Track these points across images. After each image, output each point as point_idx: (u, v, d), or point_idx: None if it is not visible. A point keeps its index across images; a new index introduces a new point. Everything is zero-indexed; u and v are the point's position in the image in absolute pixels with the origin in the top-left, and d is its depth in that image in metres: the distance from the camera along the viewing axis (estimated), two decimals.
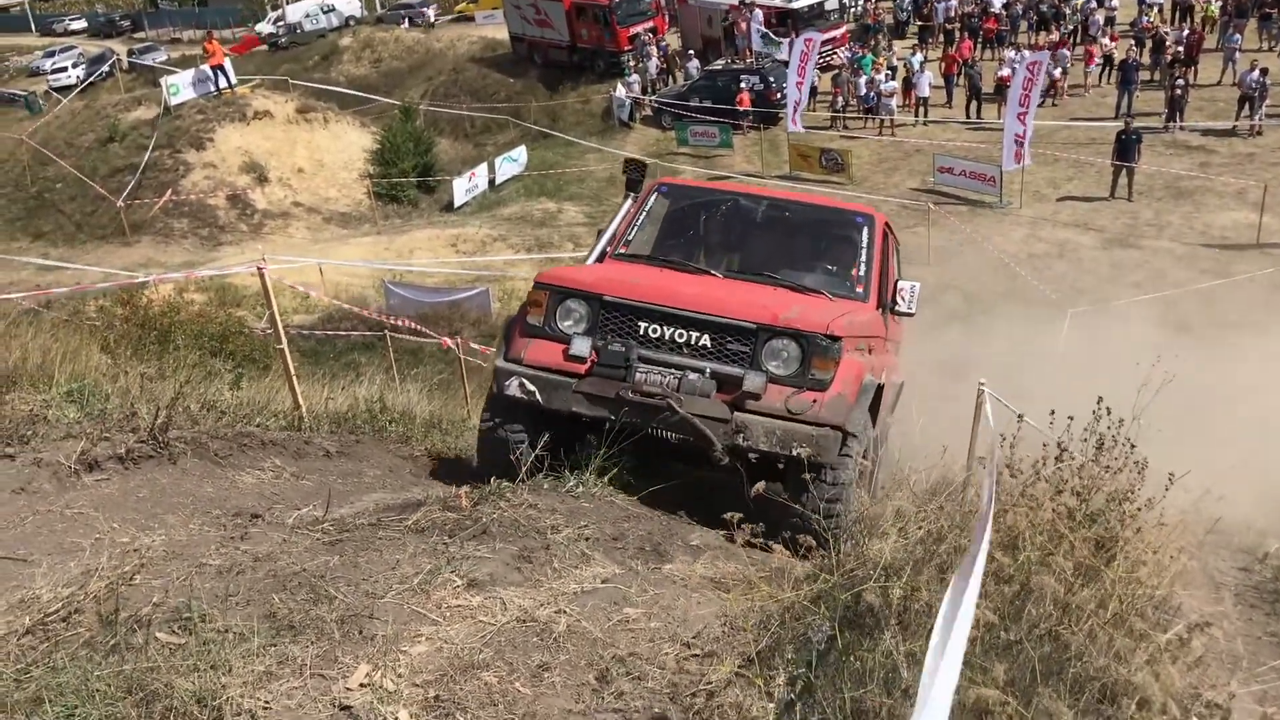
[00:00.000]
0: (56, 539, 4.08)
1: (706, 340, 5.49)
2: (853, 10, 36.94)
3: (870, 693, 2.80)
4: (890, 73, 28.82)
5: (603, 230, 7.24)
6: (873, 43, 32.54)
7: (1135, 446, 3.87)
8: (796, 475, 5.22)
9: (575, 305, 5.72)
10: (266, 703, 2.97)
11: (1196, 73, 26.46)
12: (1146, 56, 27.37)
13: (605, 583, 4.01)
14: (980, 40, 31.07)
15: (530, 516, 4.59)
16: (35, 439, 5.02)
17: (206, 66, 33.45)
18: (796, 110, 27.41)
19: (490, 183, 29.98)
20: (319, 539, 4.22)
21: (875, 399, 5.90)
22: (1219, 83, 26.57)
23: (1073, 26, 30.67)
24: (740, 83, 29.73)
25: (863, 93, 28.55)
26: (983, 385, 6.61)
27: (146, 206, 29.00)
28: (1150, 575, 3.32)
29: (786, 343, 5.41)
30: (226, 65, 33.44)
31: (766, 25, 32.47)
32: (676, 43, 36.46)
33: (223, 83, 33.20)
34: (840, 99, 29.18)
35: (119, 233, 28.47)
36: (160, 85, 33.36)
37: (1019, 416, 4.55)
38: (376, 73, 41.85)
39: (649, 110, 32.41)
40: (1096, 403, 4.00)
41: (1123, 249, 20.85)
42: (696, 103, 30.07)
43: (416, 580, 3.77)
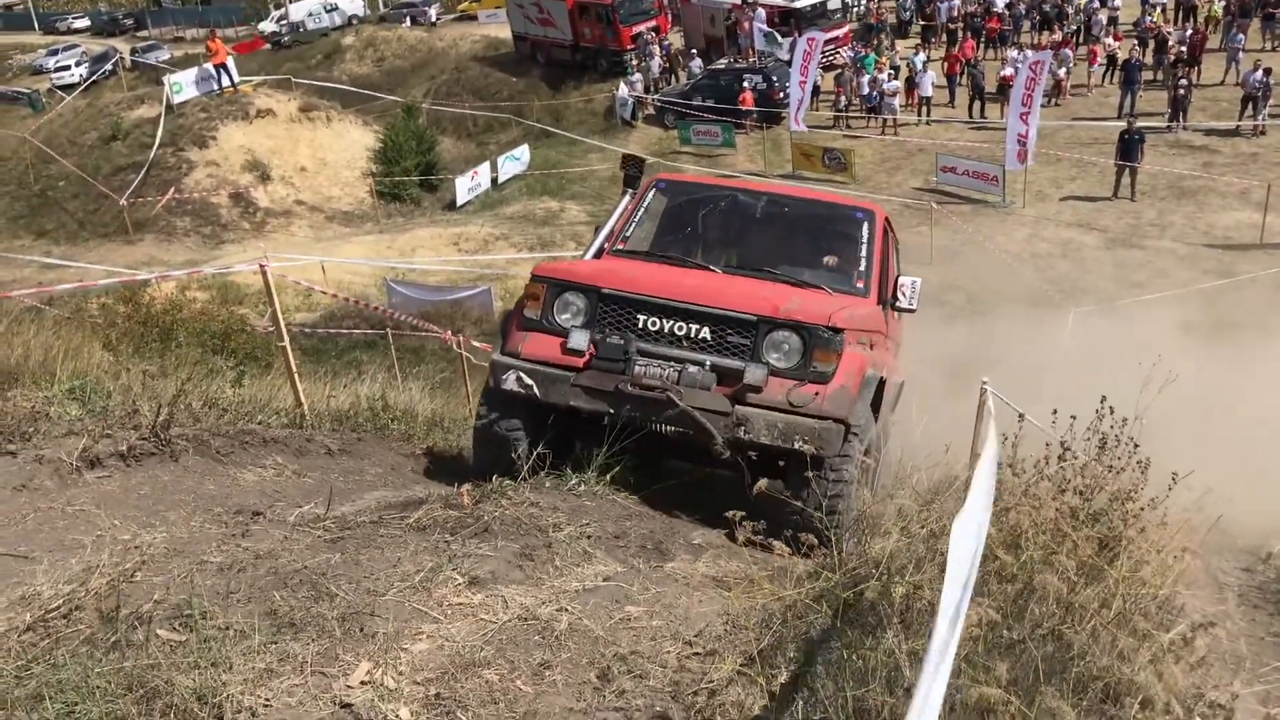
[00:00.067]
0: (58, 536, 4.08)
1: (706, 333, 5.41)
2: (855, 9, 36.98)
3: (872, 691, 2.79)
4: (893, 72, 28.81)
5: (600, 227, 7.16)
6: (875, 42, 32.56)
7: (1138, 446, 3.86)
8: (797, 470, 5.15)
9: (573, 298, 5.64)
10: (267, 700, 2.97)
11: (1200, 73, 26.41)
12: (1149, 56, 27.34)
13: (607, 581, 4.01)
14: (983, 40, 31.05)
15: (532, 514, 4.59)
16: (37, 436, 5.02)
17: (209, 65, 33.48)
18: (799, 109, 27.40)
19: (493, 181, 30.00)
20: (320, 536, 4.22)
21: (877, 394, 5.82)
22: (1222, 83, 26.54)
23: (1075, 26, 30.65)
24: (743, 82, 29.74)
25: (865, 92, 28.56)
26: (986, 384, 6.59)
27: (149, 205, 29.04)
28: (1153, 575, 3.31)
29: (788, 335, 5.33)
30: (229, 64, 33.47)
31: (769, 24, 32.47)
32: (679, 42, 36.49)
33: (225, 81, 33.24)
34: (843, 98, 29.18)
35: (121, 231, 28.51)
36: (163, 84, 33.38)
37: (1020, 415, 4.53)
38: (379, 71, 41.87)
39: (652, 109, 32.45)
40: (1100, 402, 3.99)
41: (1126, 249, 20.83)
42: (699, 102, 30.08)
43: (418, 578, 3.77)
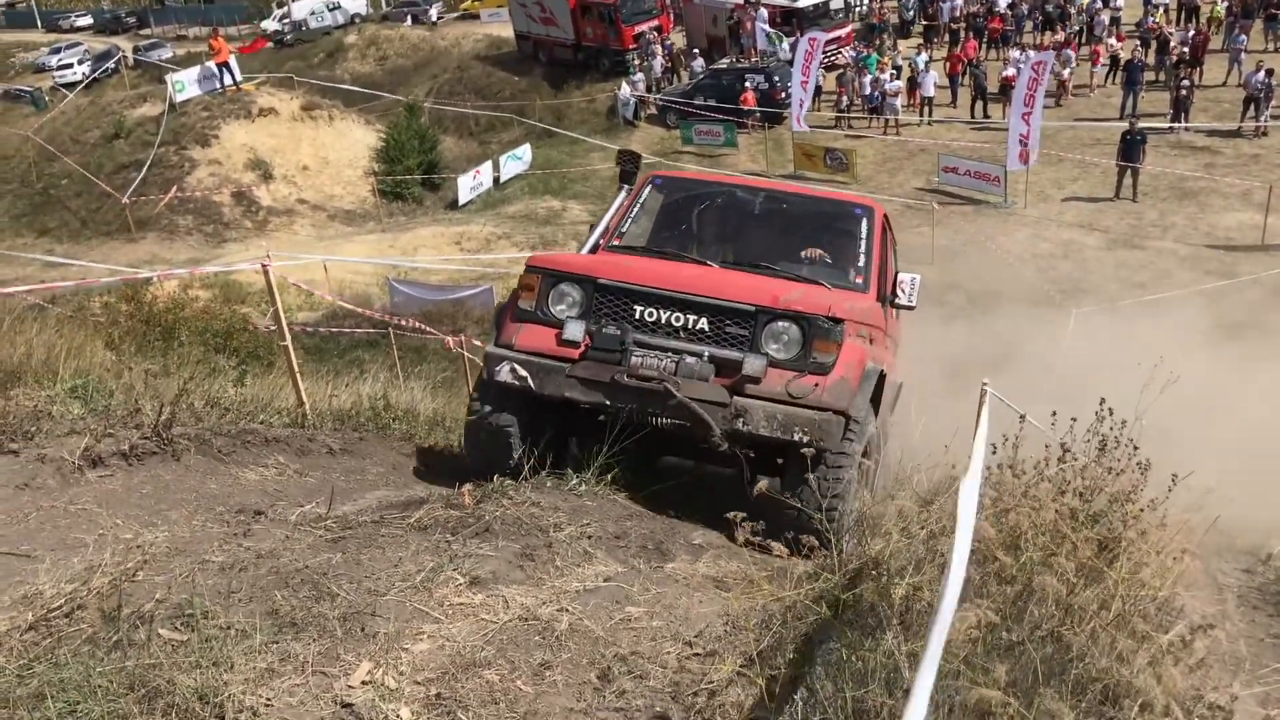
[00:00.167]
0: (60, 535, 4.08)
1: (704, 324, 5.34)
2: (858, 9, 36.96)
3: (871, 692, 2.80)
4: (895, 72, 28.78)
5: (596, 224, 7.10)
6: (878, 42, 32.54)
7: (1138, 448, 3.86)
8: (796, 467, 5.08)
9: (569, 289, 5.56)
10: (268, 700, 2.97)
11: (1202, 73, 26.37)
12: (1151, 57, 27.30)
13: (607, 581, 4.01)
14: (985, 40, 31.03)
15: (533, 515, 4.59)
16: (39, 435, 5.03)
17: (212, 63, 33.48)
18: (801, 110, 27.39)
19: (495, 181, 29.99)
20: (322, 536, 4.22)
21: (877, 389, 5.75)
22: (1224, 84, 26.50)
23: (1078, 27, 30.63)
24: (745, 82, 29.74)
25: (867, 92, 28.53)
26: (986, 385, 6.58)
27: (151, 203, 29.05)
28: (1153, 576, 3.31)
29: (787, 325, 5.27)
30: (232, 62, 33.48)
31: (771, 24, 32.45)
32: (681, 41, 36.49)
33: (228, 80, 33.25)
34: (845, 98, 29.16)
35: (124, 229, 28.52)
36: (166, 82, 33.39)
37: (1021, 416, 4.52)
38: (382, 70, 41.87)
39: (654, 109, 32.44)
40: (1099, 404, 3.99)
41: (1127, 249, 20.81)
42: (701, 102, 30.07)
43: (419, 578, 3.77)
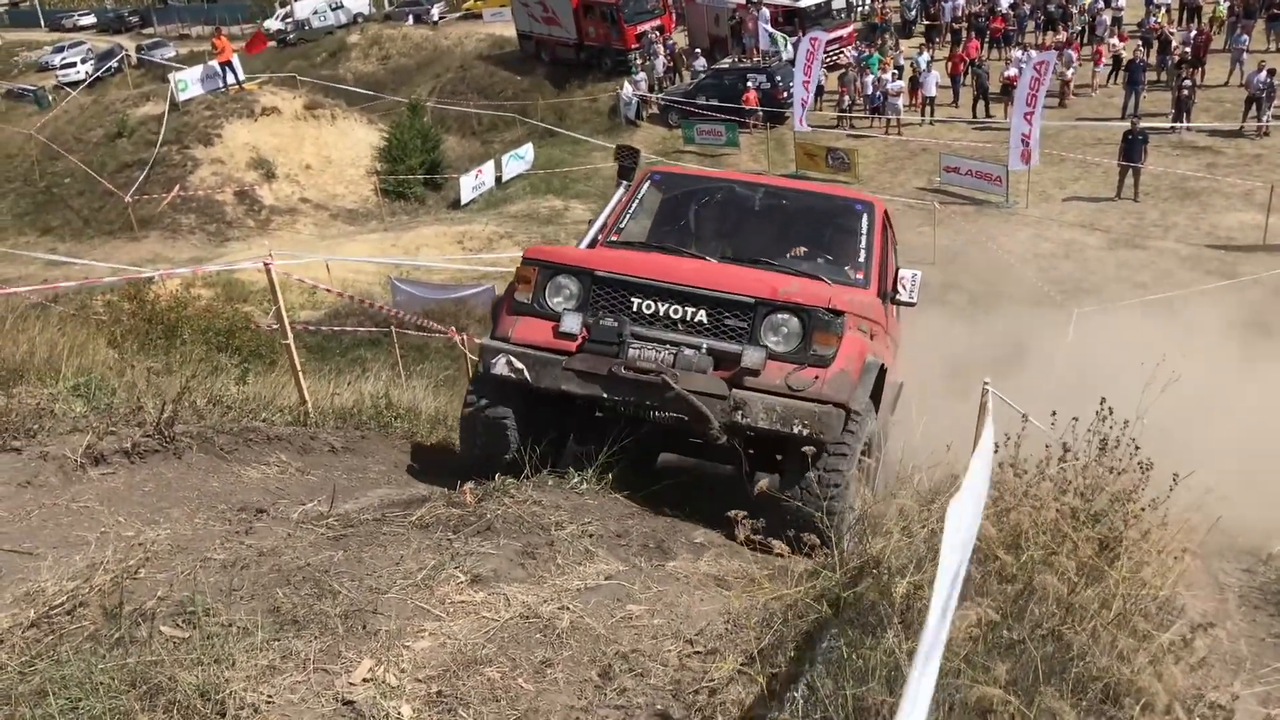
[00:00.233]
0: (62, 532, 4.09)
1: (703, 316, 5.28)
2: (860, 9, 36.95)
3: (872, 690, 2.80)
4: (897, 72, 28.78)
5: (594, 220, 7.05)
6: (879, 42, 32.49)
7: (1140, 448, 3.86)
8: (795, 460, 5.07)
9: (565, 281, 5.51)
10: (270, 697, 2.98)
11: (1203, 73, 26.36)
12: (1153, 57, 27.29)
13: (608, 579, 4.02)
14: (987, 40, 31.01)
15: (534, 513, 4.59)
16: (41, 433, 5.04)
17: (215, 63, 33.49)
18: (803, 110, 27.38)
19: (497, 180, 29.99)
20: (323, 534, 4.23)
21: (878, 384, 5.70)
22: (1226, 83, 26.48)
23: (1080, 27, 30.60)
24: (747, 81, 29.74)
25: (869, 92, 28.51)
26: (987, 385, 6.58)
27: (154, 202, 29.05)
28: (1154, 575, 3.31)
29: (787, 317, 5.21)
30: (234, 62, 33.48)
31: (773, 24, 32.44)
32: (683, 41, 36.48)
33: (230, 79, 33.25)
34: (846, 98, 29.15)
35: (127, 228, 28.54)
36: (168, 81, 33.39)
37: (1024, 416, 4.52)
38: (384, 70, 41.88)
39: (656, 108, 32.43)
40: (1100, 403, 3.99)
41: (1128, 249, 20.79)
42: (703, 101, 30.07)
43: (420, 576, 3.78)
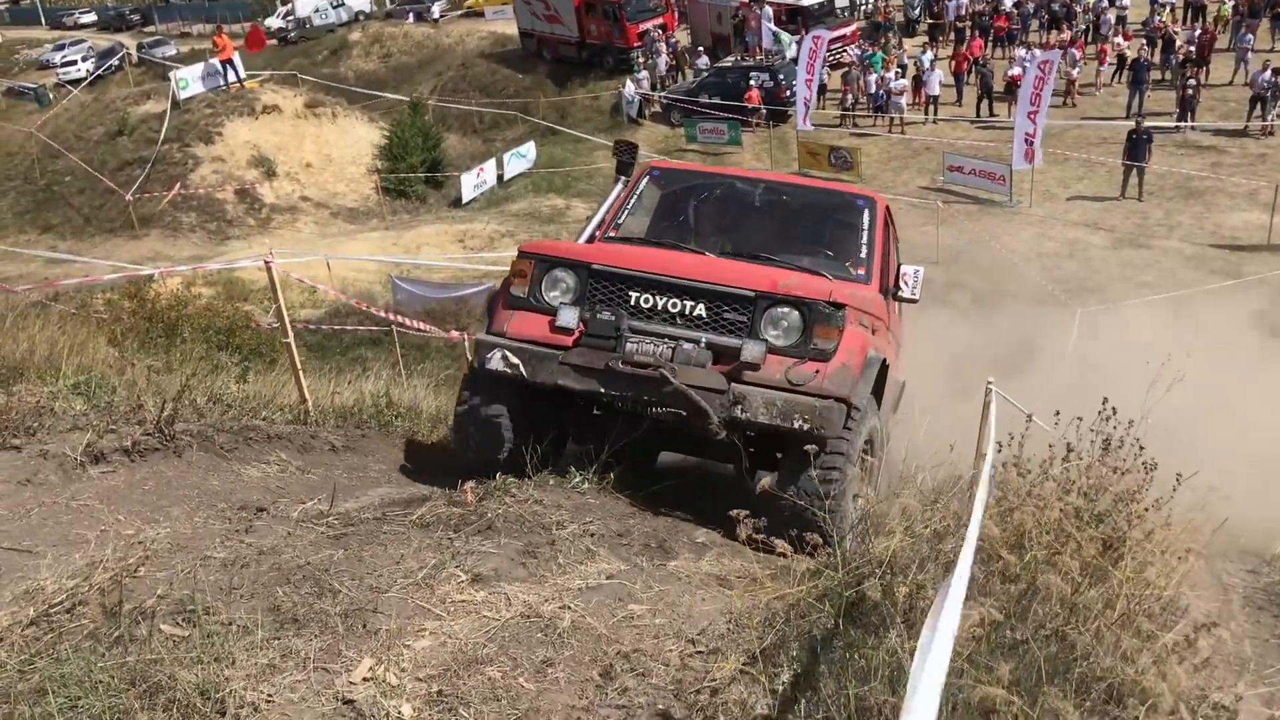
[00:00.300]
0: (62, 531, 4.08)
1: (702, 310, 5.21)
2: (863, 8, 36.94)
3: (874, 690, 2.79)
4: (900, 71, 28.76)
5: (592, 216, 6.97)
6: (883, 40, 32.51)
7: (1144, 448, 3.85)
8: (794, 455, 5.00)
9: (562, 275, 5.42)
10: (269, 696, 2.97)
11: (1208, 73, 26.34)
12: (1157, 56, 27.26)
13: (610, 579, 4.00)
14: (991, 39, 30.99)
15: (535, 512, 4.58)
16: (41, 431, 5.03)
17: (215, 61, 33.51)
18: (806, 109, 27.37)
19: (498, 179, 29.99)
20: (324, 533, 4.22)
21: (880, 380, 5.64)
22: (1231, 83, 26.47)
23: (1084, 26, 30.57)
24: (749, 80, 29.72)
25: (872, 90, 28.50)
26: (990, 384, 6.56)
27: (155, 200, 29.07)
28: (1158, 576, 3.30)
29: (787, 311, 5.14)
30: (235, 60, 33.50)
31: (776, 22, 32.43)
32: (686, 39, 36.47)
33: (231, 77, 33.27)
34: (850, 97, 29.14)
35: (127, 226, 28.55)
36: (169, 79, 33.42)
37: (1028, 416, 4.51)
38: (385, 68, 41.91)
39: (658, 107, 32.42)
40: (1102, 403, 3.97)
41: (1133, 249, 20.78)
42: (706, 99, 30.06)
43: (421, 575, 3.77)
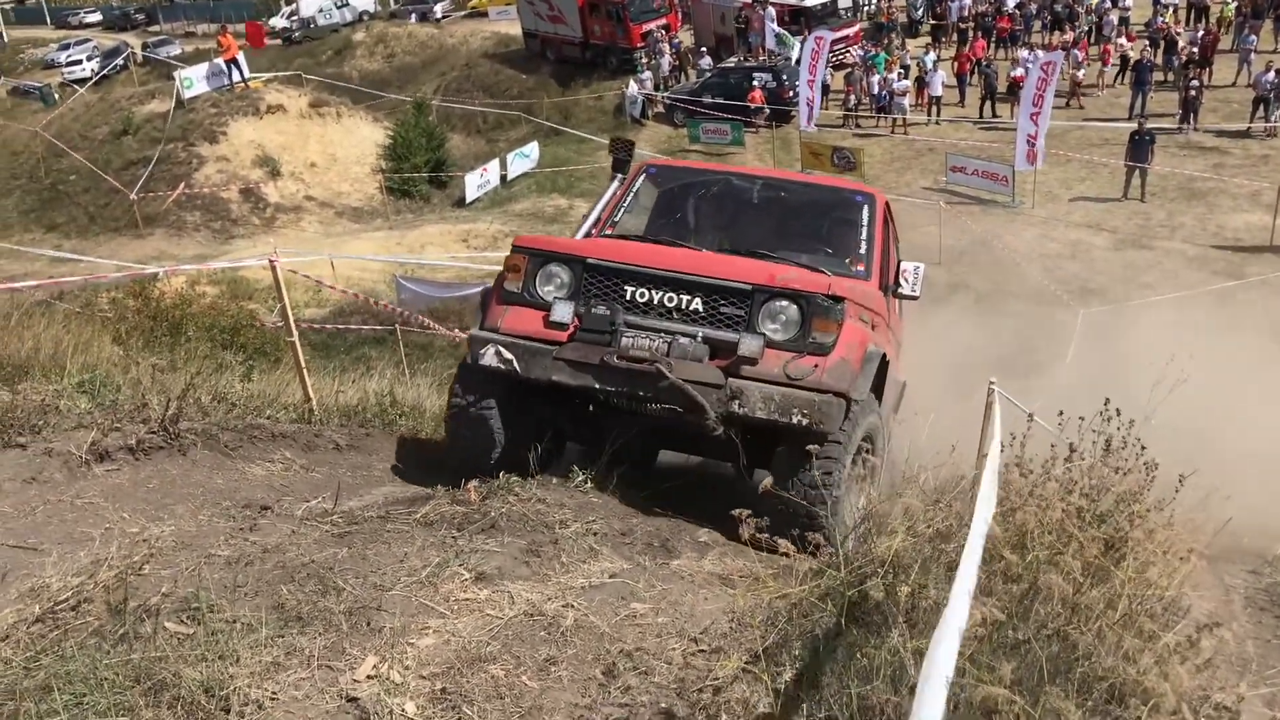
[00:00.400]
0: (67, 528, 4.09)
1: (698, 304, 5.15)
2: (866, 8, 36.93)
3: (876, 689, 2.79)
4: (903, 71, 28.75)
5: (588, 214, 6.92)
6: (886, 41, 32.50)
7: (1145, 448, 3.85)
8: (789, 450, 4.98)
9: (557, 269, 5.37)
10: (274, 693, 2.98)
11: (1211, 74, 26.30)
12: (1160, 57, 27.23)
13: (613, 578, 4.01)
14: (994, 39, 30.97)
15: (538, 511, 4.59)
16: (46, 429, 5.04)
17: (220, 60, 33.56)
18: (809, 110, 27.36)
19: (502, 178, 29.99)
20: (328, 531, 4.23)
21: (880, 377, 5.57)
22: (1234, 84, 26.44)
23: (1087, 27, 30.54)
24: (753, 80, 29.71)
25: (875, 91, 28.48)
26: (993, 384, 6.56)
27: (159, 199, 29.10)
28: (1160, 576, 3.30)
29: (785, 304, 5.07)
30: (240, 59, 33.55)
31: (779, 23, 32.43)
32: (689, 40, 36.47)
33: (236, 76, 33.32)
34: (853, 97, 29.14)
35: (132, 225, 28.59)
36: (174, 79, 33.47)
37: (1029, 416, 4.50)
38: (390, 68, 41.91)
39: (661, 107, 32.41)
40: (1104, 404, 3.98)
41: (1135, 250, 20.76)
42: (709, 100, 30.05)
43: (424, 573, 3.78)
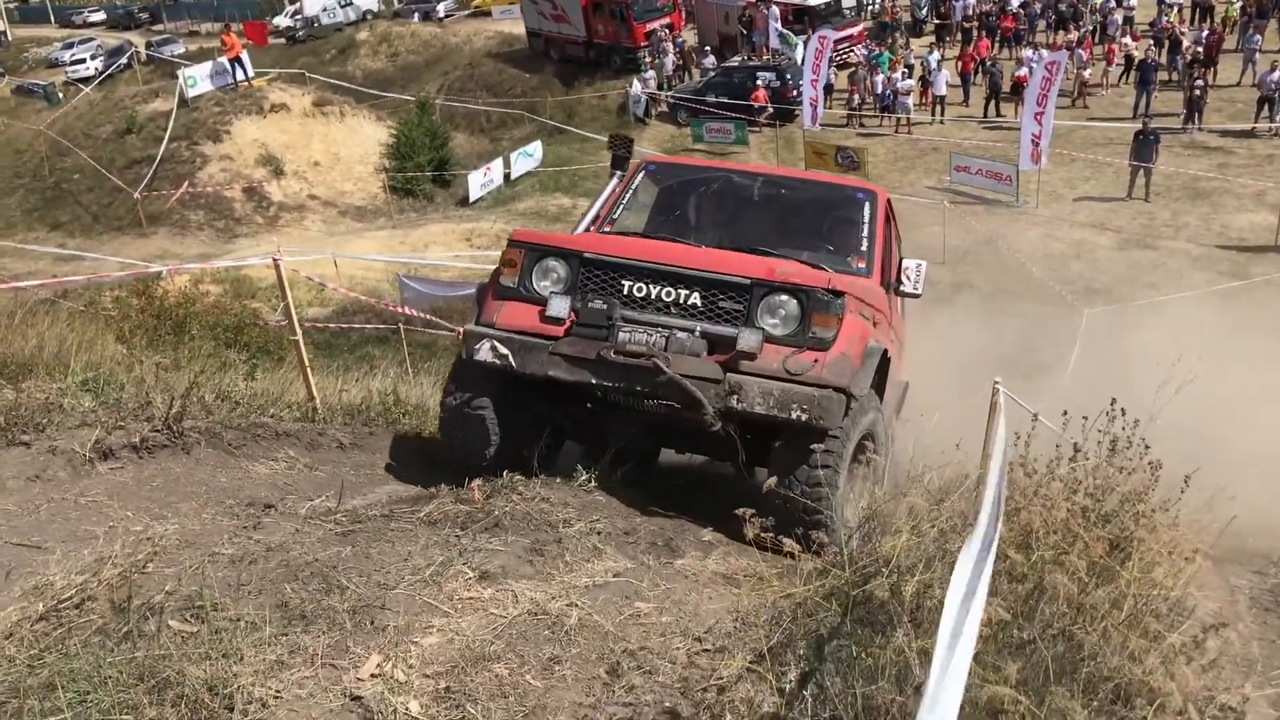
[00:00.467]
0: (70, 526, 4.10)
1: (697, 298, 5.09)
2: (870, 8, 36.90)
3: (881, 689, 2.79)
4: (907, 71, 28.74)
5: (586, 211, 6.86)
6: (890, 40, 32.46)
7: (1150, 447, 3.84)
8: (787, 445, 4.96)
9: (553, 264, 5.31)
10: (278, 692, 2.98)
11: (1216, 73, 26.26)
12: (1165, 57, 27.19)
13: (617, 577, 4.01)
14: (998, 39, 30.94)
15: (542, 510, 4.59)
16: (51, 427, 5.05)
17: (224, 59, 33.60)
18: (813, 109, 27.34)
19: (505, 178, 30.00)
20: (331, 530, 4.23)
21: (881, 373, 5.50)
22: (1238, 84, 26.39)
23: (1091, 26, 30.50)
24: (756, 80, 29.70)
25: (879, 90, 28.47)
26: (998, 384, 6.55)
27: (163, 198, 29.15)
28: (1165, 576, 3.29)
29: (784, 299, 5.01)
30: (244, 58, 33.58)
31: (783, 22, 32.41)
32: (693, 39, 36.46)
33: (240, 75, 33.35)
34: (857, 97, 29.12)
35: (135, 224, 28.65)
36: (178, 77, 33.51)
37: (1034, 416, 4.49)
38: (393, 66, 41.93)
39: (665, 106, 32.40)
40: (1110, 404, 3.97)
41: (1139, 250, 20.73)
42: (712, 99, 30.04)
43: (428, 572, 3.77)
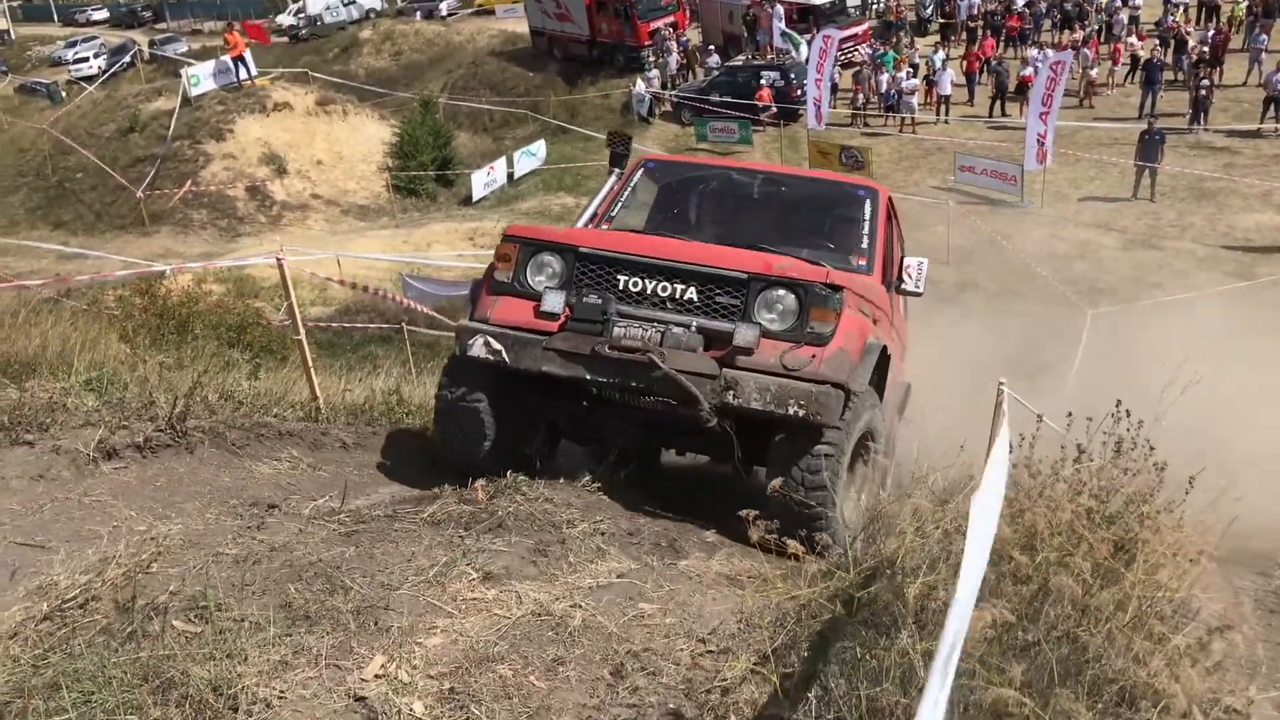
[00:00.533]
0: (74, 526, 4.10)
1: (693, 293, 5.03)
2: (875, 7, 36.87)
3: (885, 691, 2.79)
4: (912, 70, 28.68)
5: (584, 209, 6.80)
6: (895, 40, 32.42)
7: (1154, 448, 3.83)
8: (784, 442, 4.93)
9: (548, 259, 5.27)
10: (282, 692, 2.98)
11: (1222, 73, 26.20)
12: (1170, 56, 27.13)
13: (620, 578, 4.00)
14: (1003, 38, 30.89)
15: (546, 511, 4.58)
16: (54, 427, 5.05)
17: (227, 58, 33.63)
18: (818, 108, 27.31)
19: (509, 177, 30.02)
20: (335, 530, 4.23)
21: (881, 371, 5.45)
22: (1244, 84, 26.32)
23: (1097, 25, 30.44)
24: (760, 79, 29.67)
25: (884, 90, 28.44)
26: (1003, 385, 6.54)
27: (166, 197, 29.20)
28: (1170, 578, 3.28)
29: (782, 294, 4.95)
30: (247, 57, 33.61)
31: (787, 21, 32.38)
32: (697, 38, 36.44)
33: (243, 74, 33.38)
34: (861, 96, 29.09)
35: (138, 222, 28.69)
36: (181, 76, 33.54)
37: (1039, 417, 4.47)
38: (396, 65, 41.96)
39: (668, 106, 32.38)
40: (1115, 405, 3.96)
41: (1144, 250, 20.69)
42: (716, 98, 30.02)
43: (432, 572, 3.77)
